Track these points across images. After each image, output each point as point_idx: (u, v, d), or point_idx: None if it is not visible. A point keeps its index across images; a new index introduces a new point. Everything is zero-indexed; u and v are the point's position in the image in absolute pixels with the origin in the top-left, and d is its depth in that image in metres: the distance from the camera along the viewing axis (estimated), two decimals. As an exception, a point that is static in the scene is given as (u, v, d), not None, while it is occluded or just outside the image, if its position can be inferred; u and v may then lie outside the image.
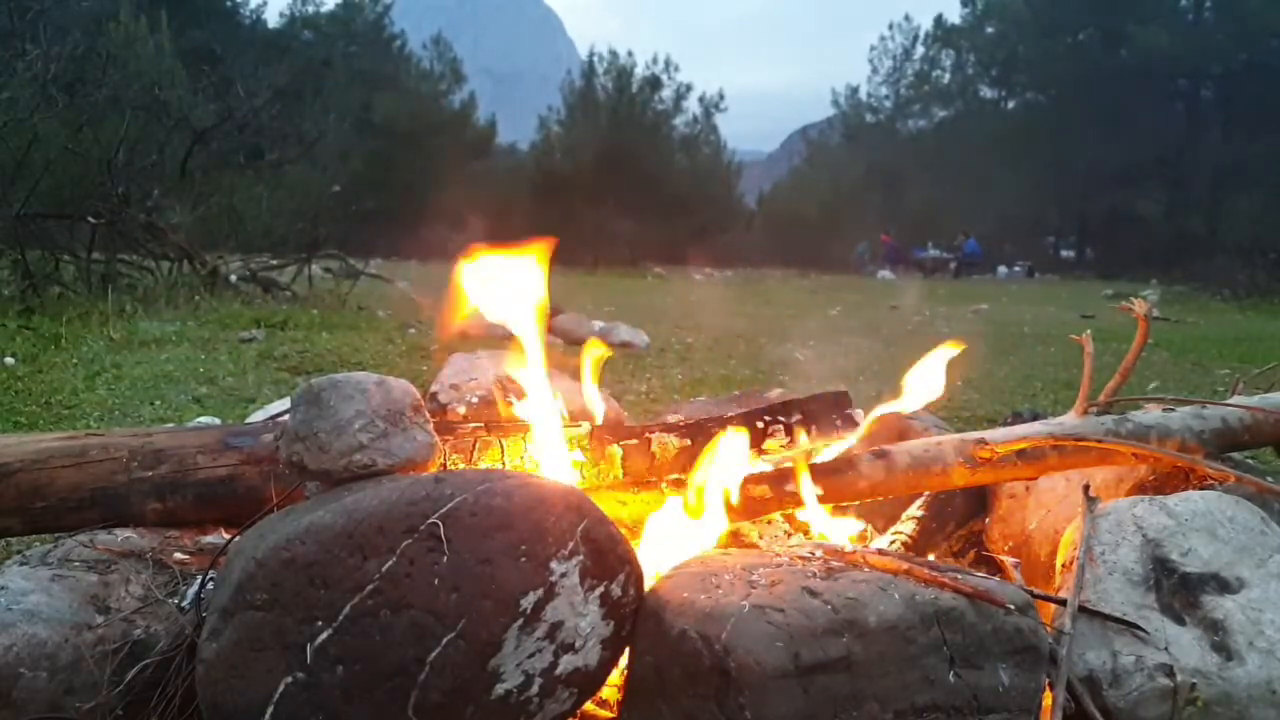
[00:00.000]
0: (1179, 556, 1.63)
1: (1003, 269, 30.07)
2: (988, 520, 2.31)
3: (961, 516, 2.33)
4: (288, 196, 11.57)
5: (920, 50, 42.53)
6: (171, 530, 1.74)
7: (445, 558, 1.26)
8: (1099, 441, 1.97)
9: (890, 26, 43.35)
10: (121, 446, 1.71)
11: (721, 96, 32.01)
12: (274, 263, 10.39)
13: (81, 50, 8.86)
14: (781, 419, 1.94)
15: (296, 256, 10.53)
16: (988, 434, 2.07)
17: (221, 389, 4.69)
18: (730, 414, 1.96)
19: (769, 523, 1.99)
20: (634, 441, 1.85)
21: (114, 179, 8.30)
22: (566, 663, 1.32)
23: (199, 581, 1.51)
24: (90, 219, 8.08)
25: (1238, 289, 16.86)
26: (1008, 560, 2.01)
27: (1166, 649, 1.51)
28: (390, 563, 1.25)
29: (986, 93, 41.94)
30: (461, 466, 1.70)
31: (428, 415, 1.53)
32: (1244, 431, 2.18)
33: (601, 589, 1.34)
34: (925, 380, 1.93)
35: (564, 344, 6.40)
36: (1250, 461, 2.55)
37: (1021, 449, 1.98)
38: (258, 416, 2.55)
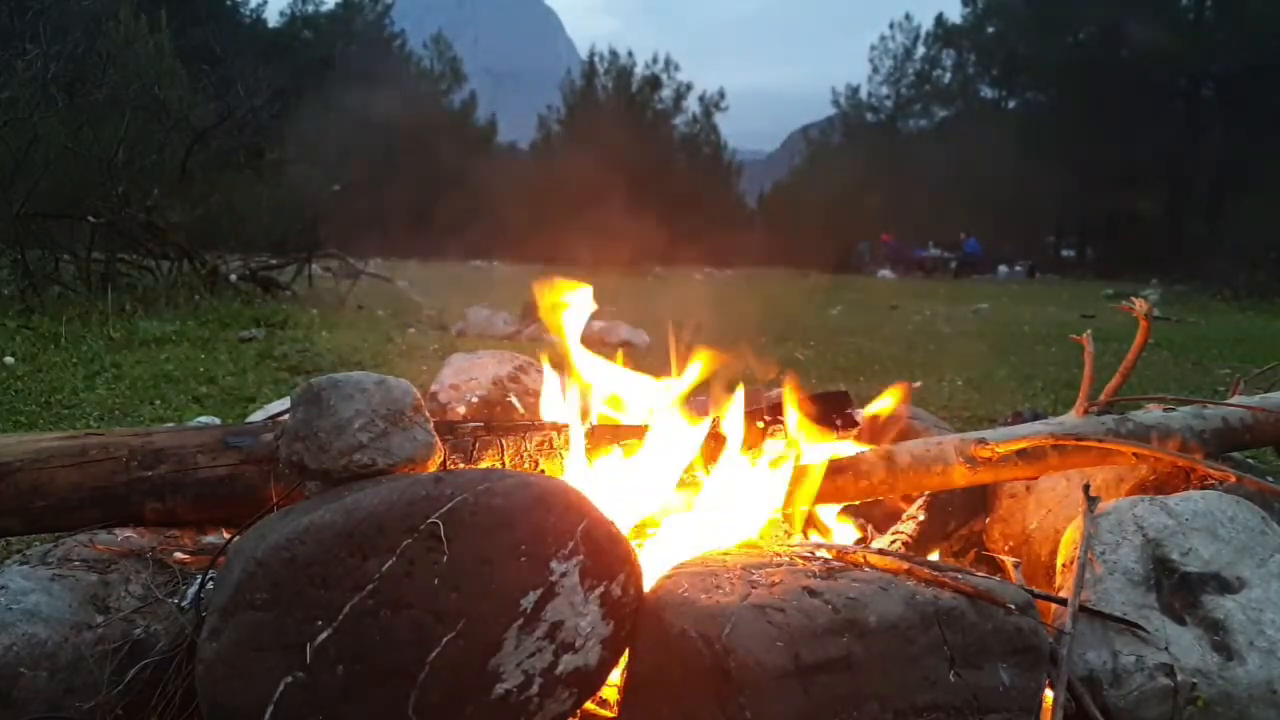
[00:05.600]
0: (1179, 556, 1.62)
1: (1003, 269, 30.09)
2: (988, 520, 2.31)
3: (961, 516, 2.33)
4: (288, 196, 11.57)
5: (921, 50, 42.54)
6: (171, 530, 1.74)
7: (445, 557, 1.25)
8: (1099, 441, 1.97)
9: (891, 26, 43.32)
10: (121, 446, 1.71)
11: (722, 96, 32.11)
12: (274, 262, 10.40)
13: (81, 50, 8.84)
14: (782, 419, 1.94)
15: (296, 256, 10.54)
16: (988, 434, 2.07)
17: (221, 388, 4.69)
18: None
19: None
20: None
21: (114, 179, 8.30)
22: (566, 662, 1.32)
23: (199, 581, 1.51)
24: (90, 218, 8.08)
25: (1238, 289, 16.86)
26: (1008, 560, 2.01)
27: (1167, 649, 1.50)
28: (390, 562, 1.24)
29: (986, 93, 41.98)
30: (461, 466, 1.70)
31: (428, 415, 1.53)
32: (1245, 431, 2.18)
33: (601, 589, 1.34)
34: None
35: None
36: (1250, 461, 2.55)
37: (1022, 449, 1.98)
38: (258, 416, 2.55)
